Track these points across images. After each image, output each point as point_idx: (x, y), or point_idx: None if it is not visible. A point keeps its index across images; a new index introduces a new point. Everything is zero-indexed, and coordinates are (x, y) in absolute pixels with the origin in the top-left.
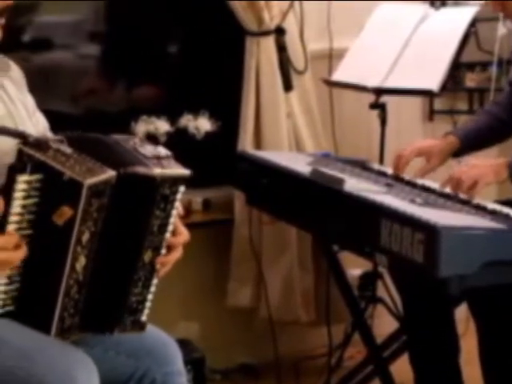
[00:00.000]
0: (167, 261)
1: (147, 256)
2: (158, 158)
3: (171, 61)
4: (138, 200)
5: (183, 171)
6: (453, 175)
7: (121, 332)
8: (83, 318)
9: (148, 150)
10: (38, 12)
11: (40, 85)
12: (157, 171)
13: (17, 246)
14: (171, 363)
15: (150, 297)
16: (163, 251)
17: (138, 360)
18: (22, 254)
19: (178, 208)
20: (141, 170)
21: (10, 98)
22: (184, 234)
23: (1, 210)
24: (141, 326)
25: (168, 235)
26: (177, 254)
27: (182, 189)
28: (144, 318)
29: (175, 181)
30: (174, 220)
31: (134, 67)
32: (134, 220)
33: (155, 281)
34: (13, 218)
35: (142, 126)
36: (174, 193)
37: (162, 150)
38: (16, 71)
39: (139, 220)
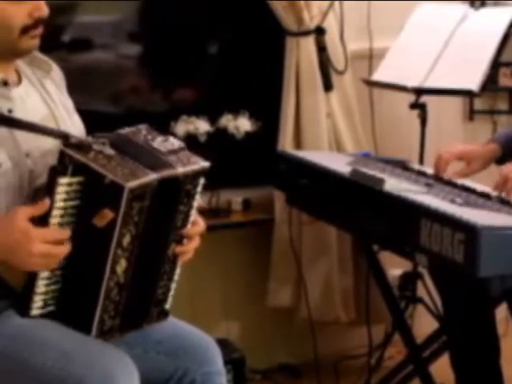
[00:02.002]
0: (186, 250)
1: (171, 250)
2: (175, 152)
3: (211, 61)
4: (167, 200)
5: (203, 164)
6: (501, 172)
7: (148, 324)
8: (122, 320)
9: (161, 144)
10: (78, 12)
11: (79, 85)
12: (180, 170)
13: (59, 242)
14: (211, 363)
15: (173, 286)
16: (185, 242)
17: (177, 360)
18: (64, 249)
19: (197, 200)
20: (166, 172)
21: (52, 99)
22: (201, 224)
23: (46, 206)
24: (165, 315)
25: (189, 226)
26: (195, 243)
27: (202, 181)
28: (167, 306)
29: (196, 175)
30: (194, 211)
31: (174, 67)
32: (162, 219)
33: (178, 270)
34: (54, 220)
35: (182, 126)
36: (195, 186)
37: (175, 142)
38: (57, 72)
39: (166, 218)
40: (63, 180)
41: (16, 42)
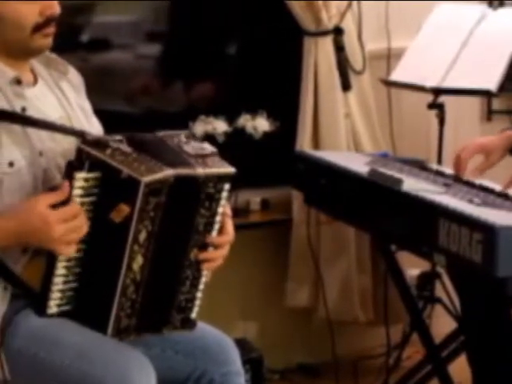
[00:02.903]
0: (211, 257)
1: (193, 254)
2: (203, 156)
3: (229, 61)
4: (183, 199)
5: (227, 169)
6: None
7: (170, 331)
8: (139, 320)
9: (193, 147)
10: (96, 12)
11: (98, 85)
12: (199, 170)
13: (76, 215)
14: (229, 363)
15: (199, 295)
16: (210, 250)
17: (196, 360)
18: (82, 219)
19: (224, 206)
20: (184, 170)
21: (68, 101)
22: (230, 234)
23: (66, 191)
24: (191, 324)
25: (215, 234)
26: (222, 251)
27: (227, 187)
28: (194, 315)
29: (219, 179)
30: (221, 218)
31: (193, 67)
32: (180, 219)
33: (204, 279)
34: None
35: (200, 126)
36: (219, 191)
37: (208, 148)
38: (75, 75)
39: (185, 219)
40: (80, 175)
41: (28, 40)
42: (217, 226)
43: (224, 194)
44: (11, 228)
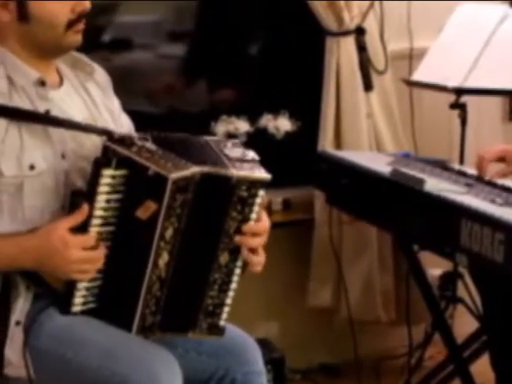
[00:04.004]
0: (249, 243)
1: (223, 258)
2: (242, 160)
3: (251, 61)
4: (214, 199)
5: (262, 175)
6: None
7: (197, 335)
8: (164, 318)
9: (235, 152)
10: (118, 12)
11: (120, 85)
12: (233, 172)
13: (95, 247)
14: (252, 363)
15: (228, 301)
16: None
17: (218, 359)
18: (101, 252)
19: (258, 213)
20: (217, 169)
21: (94, 102)
22: (266, 222)
23: (85, 213)
24: (219, 331)
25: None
26: (260, 239)
27: (261, 193)
28: (222, 322)
29: (253, 183)
30: (251, 227)
31: (215, 67)
32: (210, 219)
33: (234, 285)
34: (97, 213)
35: (222, 126)
36: (253, 196)
37: (250, 154)
38: (102, 75)
39: (215, 220)
40: (107, 172)
41: (61, 37)
42: (246, 234)
43: (257, 200)
44: (30, 246)
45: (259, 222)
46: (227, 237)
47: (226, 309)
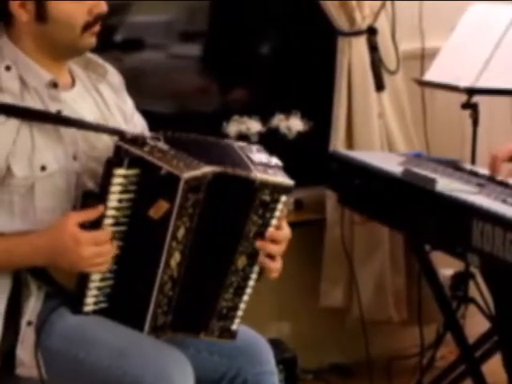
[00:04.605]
0: (269, 249)
1: (241, 262)
2: (265, 165)
3: (263, 61)
4: (235, 201)
5: (286, 180)
6: None
7: (208, 337)
8: (175, 318)
9: (259, 156)
10: (130, 12)
11: (131, 85)
12: (257, 175)
13: (108, 241)
14: (263, 363)
15: (242, 306)
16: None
17: (230, 360)
18: (112, 248)
19: (278, 219)
20: (241, 171)
21: (106, 104)
22: (287, 231)
23: (98, 212)
24: (231, 335)
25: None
26: (280, 247)
27: (283, 198)
28: (235, 326)
29: (276, 188)
30: (272, 233)
31: (226, 67)
32: (229, 221)
33: (249, 290)
34: (109, 213)
35: (234, 126)
36: (275, 201)
37: (273, 160)
38: (114, 76)
39: (234, 222)
40: (119, 171)
41: (78, 39)
42: (266, 239)
43: (279, 206)
44: (42, 244)
45: (280, 230)
46: (246, 240)
47: (240, 313)
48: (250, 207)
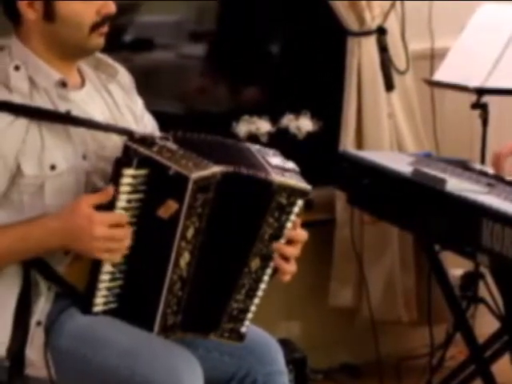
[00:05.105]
0: (285, 251)
1: (254, 264)
2: (283, 168)
3: (273, 61)
4: (250, 202)
5: (304, 185)
6: None
7: (217, 337)
8: (185, 317)
9: (276, 160)
10: (139, 12)
11: (141, 85)
12: (276, 177)
13: (123, 226)
14: (273, 363)
15: (252, 308)
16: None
17: (240, 360)
18: (127, 232)
19: (293, 223)
20: (257, 173)
21: (116, 104)
22: (303, 233)
23: (110, 194)
24: (239, 337)
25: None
26: (295, 249)
27: (299, 202)
28: (244, 329)
29: (293, 192)
30: (288, 233)
31: (236, 67)
32: (244, 222)
33: (260, 292)
34: (118, 212)
35: (244, 126)
36: (291, 204)
37: (290, 164)
38: (125, 76)
39: (250, 223)
40: (128, 171)
41: (85, 39)
42: (283, 241)
43: (295, 209)
44: (55, 226)
45: (296, 232)
46: (261, 242)
47: (250, 315)
48: (266, 209)
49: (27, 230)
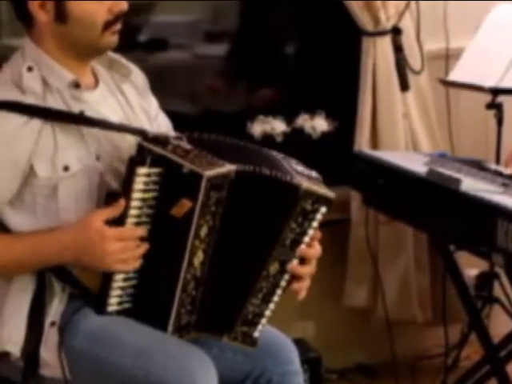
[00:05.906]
0: (299, 271)
1: (273, 268)
2: (308, 176)
3: (288, 61)
4: (273, 205)
5: (330, 193)
6: None
7: (229, 340)
8: (199, 317)
9: (300, 168)
10: (154, 12)
11: (155, 85)
12: (303, 182)
13: (135, 240)
14: (288, 363)
15: (267, 313)
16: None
17: (255, 359)
18: (140, 246)
19: (315, 230)
20: (284, 176)
21: (129, 104)
22: (317, 249)
23: (121, 207)
24: (252, 342)
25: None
26: (309, 267)
27: (323, 210)
28: (257, 334)
29: (319, 199)
30: (309, 240)
31: (251, 67)
32: (264, 224)
33: (276, 298)
34: (132, 212)
35: (259, 126)
36: (315, 211)
37: (313, 173)
38: (138, 75)
39: (271, 226)
40: (142, 170)
41: (98, 38)
42: (303, 247)
43: (318, 216)
44: (67, 241)
45: (312, 248)
46: (282, 247)
47: (263, 321)
48: (290, 213)
49: (39, 243)
